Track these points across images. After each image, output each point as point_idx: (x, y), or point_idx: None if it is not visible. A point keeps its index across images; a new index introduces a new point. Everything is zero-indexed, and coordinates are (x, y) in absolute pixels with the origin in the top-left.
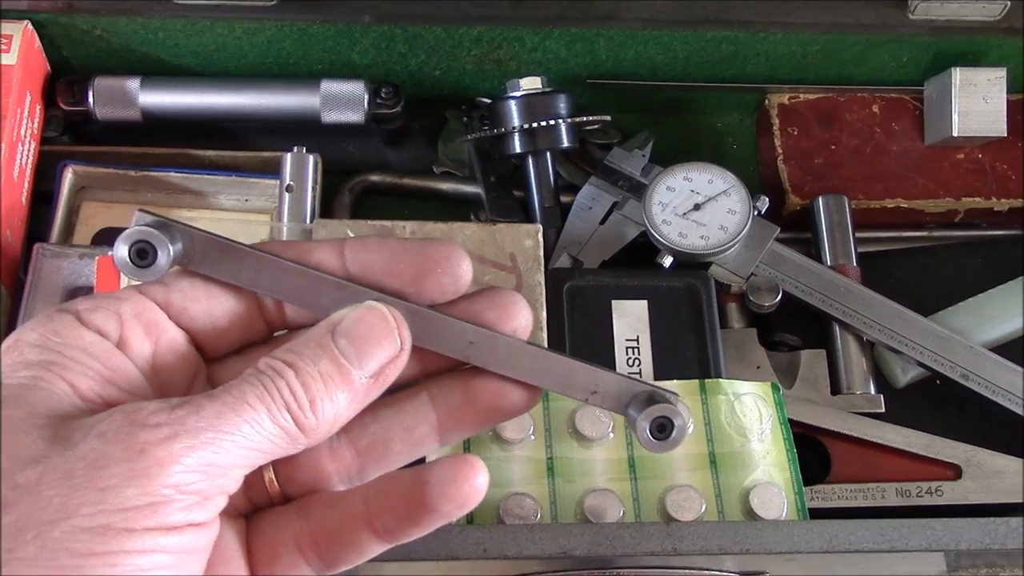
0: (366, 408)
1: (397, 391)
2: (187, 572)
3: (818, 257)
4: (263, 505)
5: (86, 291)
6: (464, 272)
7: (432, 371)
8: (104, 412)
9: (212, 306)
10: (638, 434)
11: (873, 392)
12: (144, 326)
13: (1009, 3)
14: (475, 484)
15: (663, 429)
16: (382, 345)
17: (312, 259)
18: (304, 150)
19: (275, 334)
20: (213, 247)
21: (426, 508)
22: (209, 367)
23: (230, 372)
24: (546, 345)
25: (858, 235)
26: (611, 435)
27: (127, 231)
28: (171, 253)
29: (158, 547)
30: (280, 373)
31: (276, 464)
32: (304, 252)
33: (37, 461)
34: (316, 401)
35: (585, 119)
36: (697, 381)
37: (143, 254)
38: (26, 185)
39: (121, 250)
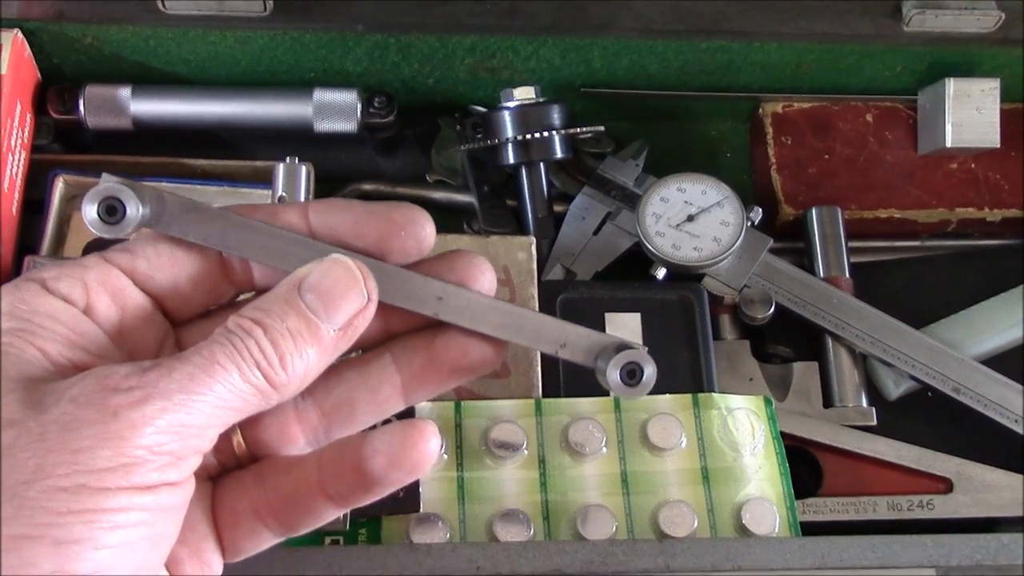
0: (331, 370)
1: (362, 353)
2: (163, 529)
3: (811, 268)
4: (231, 466)
5: None
6: (428, 235)
7: (396, 332)
8: (76, 376)
9: (177, 271)
10: (608, 381)
11: (865, 405)
12: (110, 292)
13: (1003, 14)
14: (423, 451)
15: (633, 375)
16: (348, 297)
17: (278, 221)
18: (296, 160)
19: (240, 297)
20: (181, 208)
21: (375, 476)
22: (176, 331)
23: (197, 335)
24: (538, 358)
25: (851, 245)
26: (604, 450)
27: (94, 188)
28: (140, 209)
29: (133, 505)
30: (249, 331)
31: (243, 425)
32: (270, 214)
33: (11, 424)
34: (286, 357)
35: (579, 130)
36: (690, 395)
37: (112, 211)
38: (16, 196)
39: (90, 207)
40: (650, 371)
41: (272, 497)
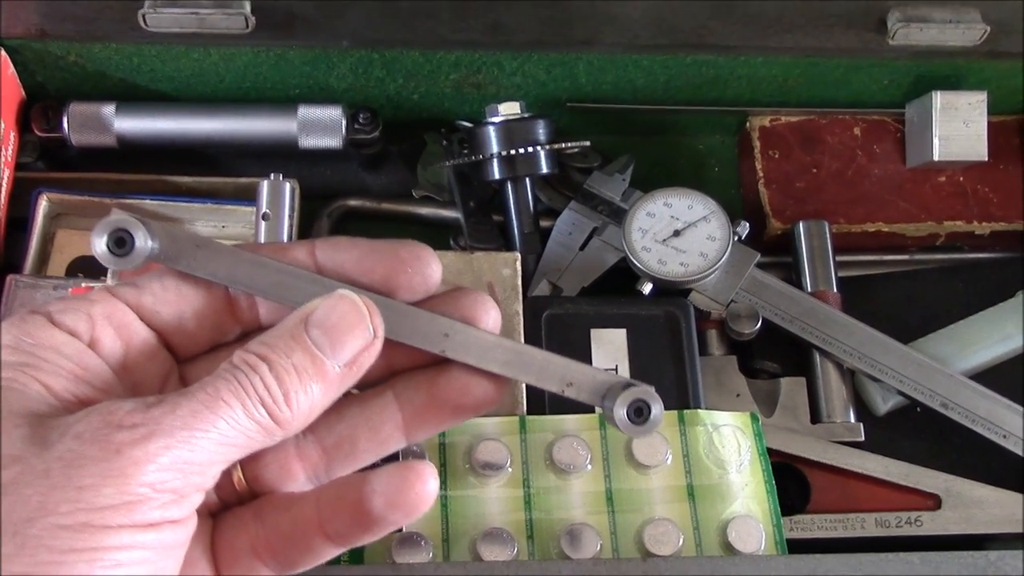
0: (332, 407)
1: (363, 390)
2: (165, 568)
3: (798, 283)
4: (231, 503)
5: None
6: (433, 272)
7: (399, 369)
8: (81, 412)
9: (183, 307)
10: (616, 420)
11: (853, 421)
12: (115, 327)
13: (988, 28)
14: (422, 492)
15: (640, 413)
16: (354, 334)
17: (285, 258)
18: (281, 177)
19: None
20: (190, 243)
21: (374, 517)
22: (180, 367)
23: (201, 371)
24: None
25: (839, 259)
26: (589, 467)
27: (105, 220)
28: (149, 243)
29: (136, 543)
30: (254, 367)
31: (244, 462)
32: (277, 251)
33: (15, 460)
34: (291, 394)
35: (564, 145)
36: (676, 412)
37: (121, 243)
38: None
39: (99, 239)
40: (657, 410)
41: (271, 535)
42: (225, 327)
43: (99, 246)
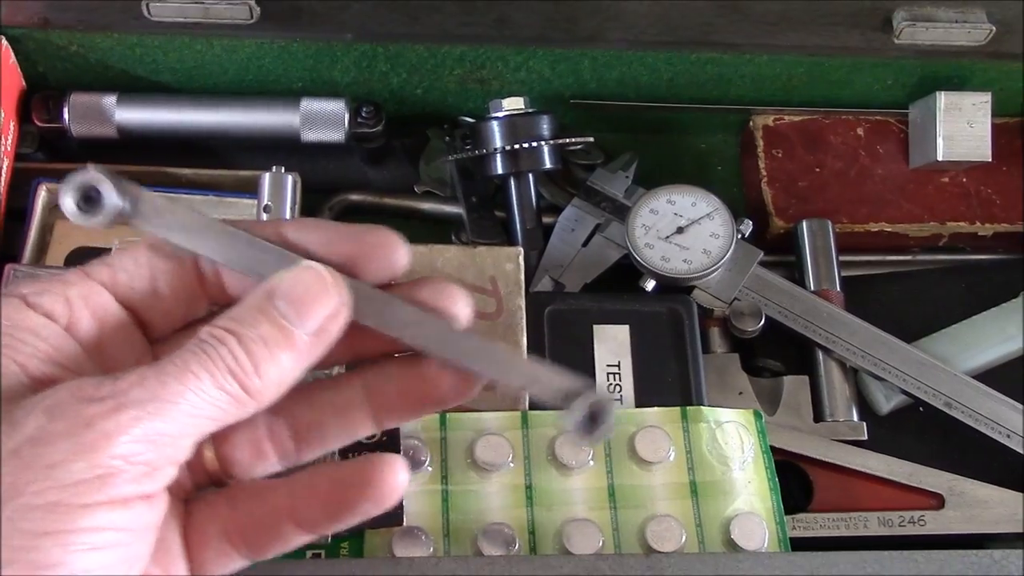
0: (302, 391)
1: (335, 374)
2: (138, 551)
3: (801, 282)
4: (203, 485)
5: None
6: (399, 258)
7: (367, 355)
8: (50, 389)
9: (156, 282)
10: (569, 423)
11: (856, 419)
12: (91, 308)
13: (994, 27)
14: (392, 484)
15: (594, 420)
16: (320, 302)
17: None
18: (283, 170)
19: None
20: (159, 205)
21: (344, 506)
22: (155, 347)
23: (174, 350)
24: None
25: (842, 259)
26: (591, 463)
27: (72, 176)
28: (119, 201)
29: (109, 524)
30: (222, 340)
31: (216, 442)
32: (246, 228)
33: None
34: (260, 364)
35: (568, 140)
36: (679, 408)
37: (89, 200)
38: None
39: (67, 196)
40: (609, 421)
41: (243, 521)
42: (197, 303)
43: (67, 203)
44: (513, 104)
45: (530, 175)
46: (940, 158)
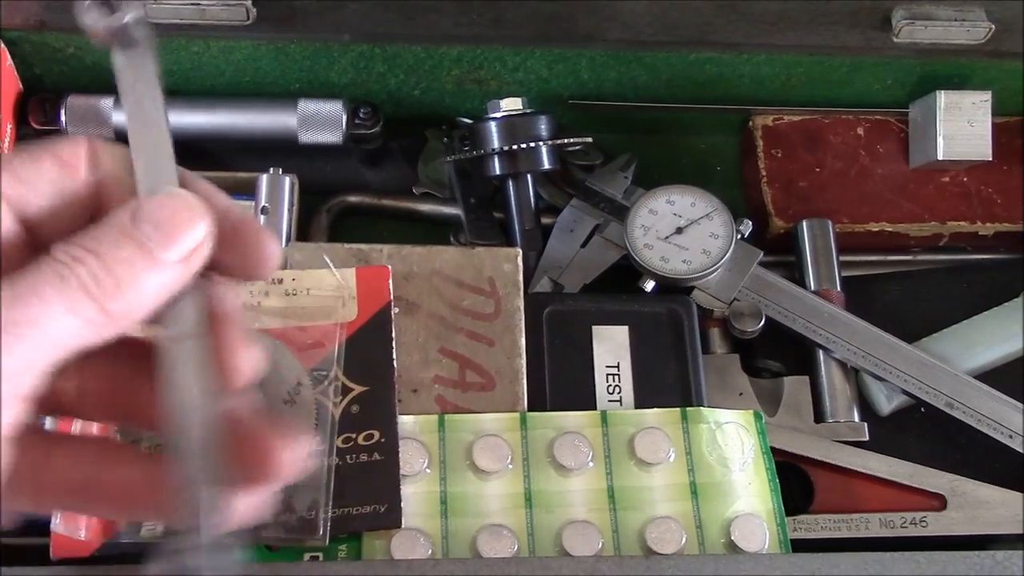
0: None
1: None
2: None
3: (802, 282)
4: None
5: None
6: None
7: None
8: None
9: (56, 196)
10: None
11: (857, 420)
12: None
13: (994, 26)
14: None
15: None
16: (187, 230)
17: None
18: (280, 171)
19: None
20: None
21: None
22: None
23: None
24: (524, 371)
25: (842, 259)
26: (590, 464)
27: None
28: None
29: None
30: (80, 260)
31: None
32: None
33: None
34: (123, 284)
35: (566, 141)
36: (679, 410)
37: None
38: None
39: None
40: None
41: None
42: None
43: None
44: (511, 105)
45: (528, 176)
46: (940, 157)
